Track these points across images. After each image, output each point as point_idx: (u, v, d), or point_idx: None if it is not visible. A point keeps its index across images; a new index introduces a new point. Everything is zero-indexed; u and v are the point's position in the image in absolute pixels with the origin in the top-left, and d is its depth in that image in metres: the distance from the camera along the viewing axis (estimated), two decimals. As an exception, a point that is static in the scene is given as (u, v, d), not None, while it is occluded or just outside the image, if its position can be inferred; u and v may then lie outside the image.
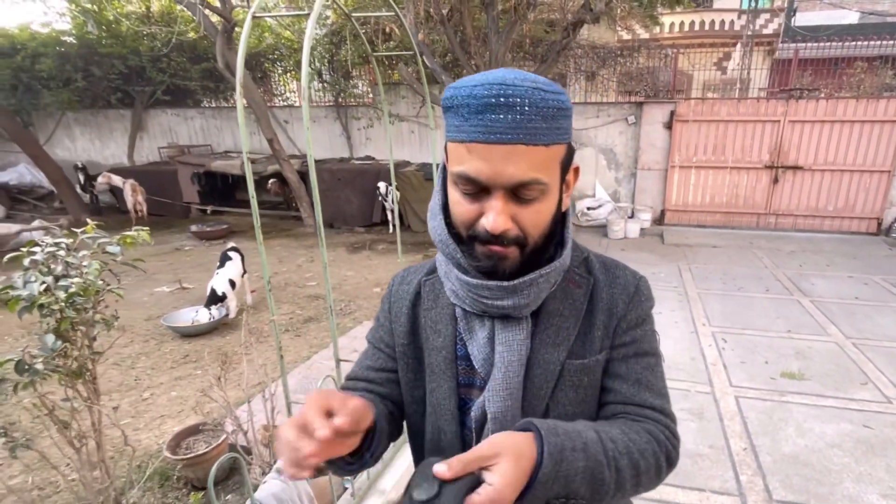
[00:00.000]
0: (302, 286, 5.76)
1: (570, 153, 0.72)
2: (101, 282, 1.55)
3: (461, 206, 0.68)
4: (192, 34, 9.65)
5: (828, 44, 9.48)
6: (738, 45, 12.98)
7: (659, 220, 8.42)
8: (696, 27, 14.03)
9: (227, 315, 4.65)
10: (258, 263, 6.18)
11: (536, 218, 0.68)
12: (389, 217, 8.10)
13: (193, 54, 10.00)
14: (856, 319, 4.47)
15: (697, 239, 7.51)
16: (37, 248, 1.62)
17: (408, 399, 0.86)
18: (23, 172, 10.94)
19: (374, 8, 6.13)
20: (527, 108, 0.62)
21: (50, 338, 1.44)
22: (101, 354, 1.60)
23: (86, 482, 1.60)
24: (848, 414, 3.03)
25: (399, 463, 2.65)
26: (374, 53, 3.59)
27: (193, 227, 8.13)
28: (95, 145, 11.43)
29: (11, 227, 6.91)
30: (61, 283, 1.45)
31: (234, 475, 2.65)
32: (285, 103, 10.62)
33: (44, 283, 1.42)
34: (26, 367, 1.39)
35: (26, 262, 1.56)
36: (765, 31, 13.54)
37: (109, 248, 1.68)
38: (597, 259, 0.82)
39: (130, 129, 10.90)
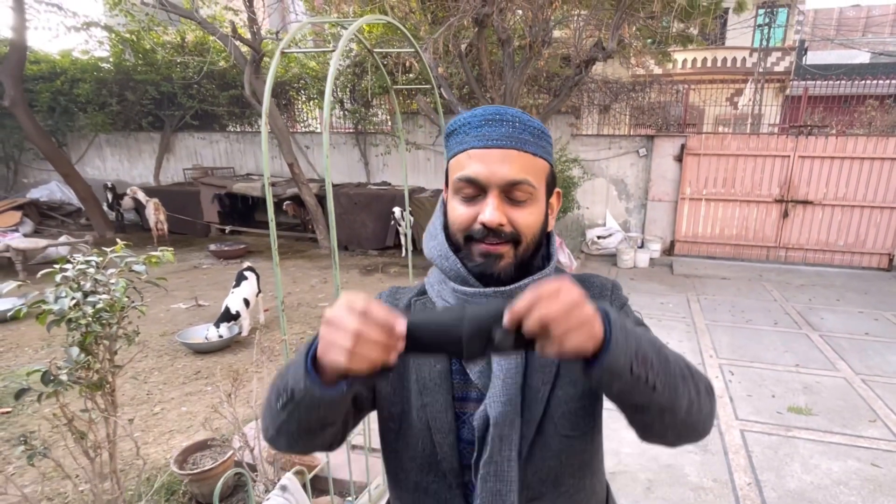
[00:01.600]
0: (314, 306, 5.82)
1: (553, 176, 0.81)
2: (126, 298, 1.62)
3: (460, 211, 0.77)
4: (222, 63, 10.04)
5: (838, 82, 9.53)
6: (750, 82, 13.08)
7: (668, 250, 8.39)
8: (709, 64, 14.20)
9: (239, 333, 4.71)
10: (273, 283, 6.28)
11: (528, 218, 0.76)
12: (403, 241, 8.19)
13: (222, 82, 10.36)
14: (866, 355, 4.39)
15: (706, 270, 7.46)
16: (68, 266, 1.70)
17: (383, 415, 0.85)
18: (53, 189, 11.30)
19: (396, 42, 6.34)
20: (517, 124, 0.75)
21: (75, 350, 1.50)
22: (121, 368, 1.67)
23: (97, 493, 1.65)
24: (856, 451, 2.97)
25: None
26: (395, 86, 3.73)
27: (212, 246, 8.28)
28: (124, 165, 11.78)
29: (39, 242, 7.11)
30: (90, 299, 1.52)
31: (237, 492, 2.67)
32: (307, 129, 10.89)
33: (73, 298, 1.50)
34: (52, 378, 1.46)
35: (58, 278, 1.64)
36: (776, 69, 13.66)
37: (135, 267, 1.75)
38: (574, 276, 0.88)
39: (158, 150, 11.24)
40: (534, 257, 0.80)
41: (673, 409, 0.68)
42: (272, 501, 1.89)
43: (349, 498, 2.36)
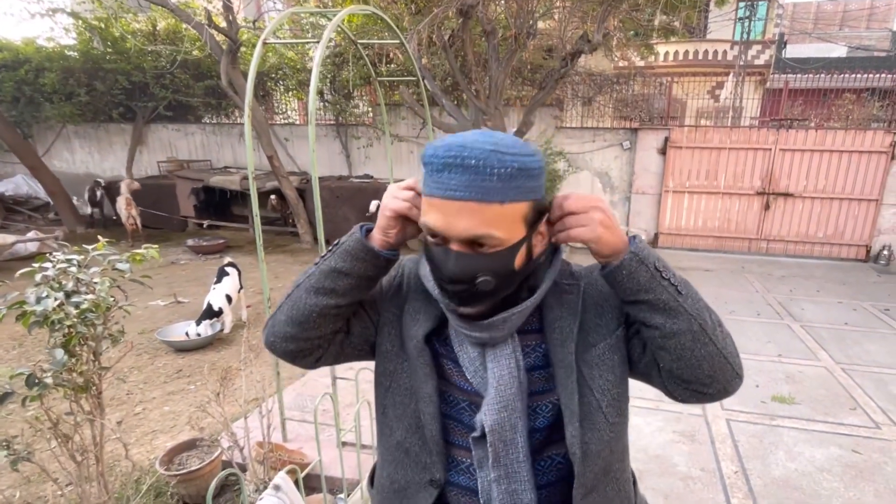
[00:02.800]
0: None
1: (539, 210, 0.75)
2: (111, 298, 1.59)
3: (431, 253, 0.77)
4: (196, 53, 9.82)
5: (817, 76, 9.76)
6: (731, 75, 13.32)
7: (652, 242, 8.53)
8: (690, 56, 14.40)
9: (221, 330, 4.65)
10: (254, 279, 6.21)
11: (499, 265, 0.72)
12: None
13: (197, 72, 10.14)
14: (845, 345, 4.54)
15: (690, 262, 7.62)
16: (48, 264, 1.66)
17: (379, 369, 0.91)
18: (19, 183, 10.96)
19: (378, 32, 6.28)
20: (481, 168, 0.66)
21: (59, 352, 1.47)
22: (108, 369, 1.64)
23: (84, 496, 1.62)
24: (837, 438, 3.08)
25: None
26: (378, 78, 3.70)
27: (190, 241, 8.15)
28: (94, 158, 11.48)
29: (7, 238, 6.91)
30: (73, 299, 1.49)
31: (225, 492, 2.65)
32: (286, 121, 10.74)
33: (56, 299, 1.46)
34: (36, 380, 1.42)
35: (38, 277, 1.60)
36: (756, 62, 13.92)
37: (119, 265, 1.72)
38: (577, 266, 0.91)
39: (130, 142, 10.96)
40: (519, 290, 0.80)
41: (703, 326, 0.75)
42: (266, 501, 1.89)
43: (341, 495, 2.37)
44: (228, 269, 4.95)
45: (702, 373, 0.76)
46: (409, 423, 0.87)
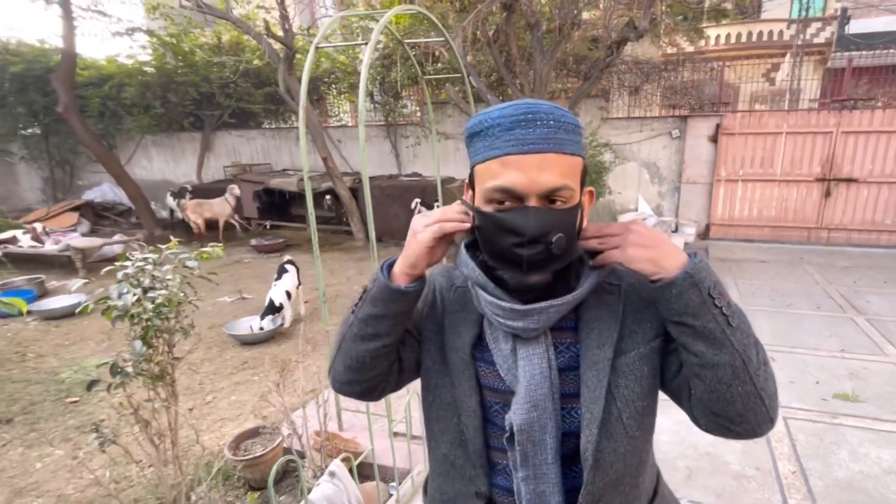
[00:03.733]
0: (352, 297, 5.91)
1: (585, 171, 0.76)
2: (182, 294, 1.69)
3: (498, 219, 0.71)
4: (257, 62, 10.21)
5: (885, 51, 8.96)
6: (788, 56, 12.45)
7: (704, 234, 8.14)
8: (744, 39, 13.55)
9: (282, 325, 4.83)
10: (312, 276, 6.41)
11: (570, 222, 0.72)
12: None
13: (257, 80, 10.54)
14: (917, 339, 4.18)
15: (744, 254, 7.22)
16: (128, 263, 1.78)
17: (423, 385, 0.91)
18: (106, 191, 11.81)
19: (425, 32, 6.30)
20: (552, 122, 0.69)
21: (138, 344, 1.58)
22: (180, 360, 1.74)
23: (161, 477, 1.73)
24: (907, 439, 2.85)
25: None
26: (424, 76, 3.72)
27: (253, 241, 8.51)
28: (169, 165, 12.18)
29: (95, 241, 7.45)
30: (149, 294, 1.59)
31: (286, 477, 2.75)
32: (339, 124, 11.00)
33: (135, 294, 1.57)
34: (119, 370, 1.54)
35: (119, 275, 1.72)
36: (816, 41, 12.92)
37: (188, 263, 1.82)
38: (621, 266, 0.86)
39: (200, 149, 11.57)
40: (568, 267, 0.78)
41: (746, 363, 0.69)
42: (322, 487, 1.96)
43: (392, 483, 2.42)
44: (288, 266, 5.13)
45: (733, 410, 0.71)
46: (453, 437, 0.86)
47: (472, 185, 0.77)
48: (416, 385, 0.95)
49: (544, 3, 5.58)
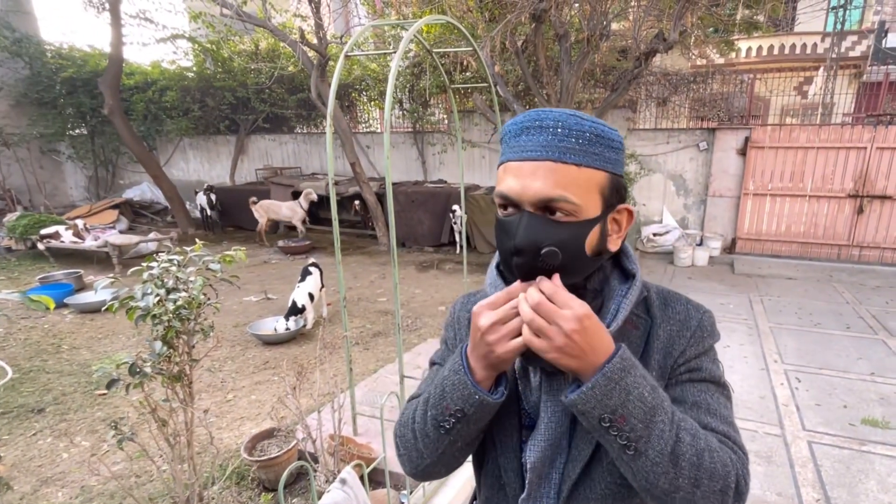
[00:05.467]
0: (373, 301, 5.92)
1: (616, 187, 0.68)
2: (203, 296, 1.69)
3: (503, 225, 0.68)
4: (291, 68, 10.40)
5: (925, 67, 8.57)
6: (822, 69, 12.04)
7: (729, 248, 7.89)
8: (776, 51, 13.18)
9: (304, 326, 4.85)
10: (335, 279, 6.43)
11: (569, 238, 0.65)
12: (458, 238, 8.19)
13: (291, 86, 10.74)
14: (954, 365, 3.94)
15: (771, 269, 6.96)
16: (154, 264, 1.80)
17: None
18: (145, 190, 12.18)
19: (454, 42, 6.30)
20: (559, 130, 0.64)
21: (158, 344, 1.59)
22: (198, 361, 1.75)
23: (176, 475, 1.74)
24: (941, 471, 2.67)
25: (453, 481, 2.64)
26: (452, 85, 3.70)
27: (280, 242, 8.62)
28: (204, 167, 12.49)
29: (132, 238, 7.66)
30: (171, 296, 1.60)
31: (300, 480, 2.74)
32: (368, 130, 11.10)
33: (157, 295, 1.58)
34: (138, 369, 1.55)
35: (145, 275, 1.74)
36: (851, 54, 12.47)
37: (211, 266, 1.83)
38: (658, 295, 0.78)
39: (234, 152, 11.82)
40: (588, 282, 0.72)
41: (649, 486, 0.63)
42: (332, 494, 1.93)
43: (404, 491, 2.38)
44: (311, 268, 5.17)
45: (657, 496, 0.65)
46: (493, 480, 0.80)
47: None
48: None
49: (573, 14, 5.51)
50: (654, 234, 8.05)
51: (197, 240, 2.07)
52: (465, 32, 3.35)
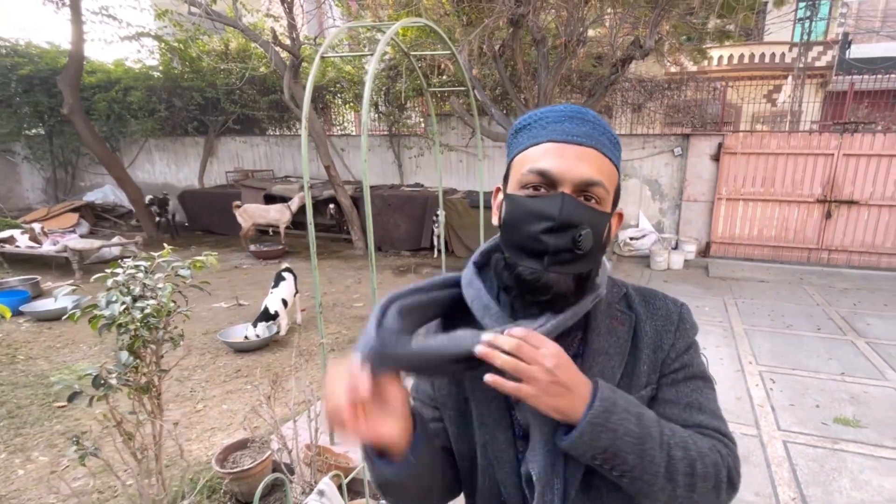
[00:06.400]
0: (349, 307, 5.86)
1: (619, 190, 0.74)
2: (172, 303, 1.64)
3: (528, 204, 0.67)
4: (263, 69, 10.25)
5: (886, 76, 9.00)
6: (790, 78, 12.51)
7: (704, 251, 8.10)
8: (746, 60, 13.64)
9: (278, 332, 4.76)
10: (309, 284, 6.34)
11: (598, 224, 0.67)
12: (436, 242, 8.18)
13: (263, 87, 10.58)
14: (918, 365, 4.12)
15: (744, 272, 7.17)
16: (119, 270, 1.74)
17: (456, 454, 0.83)
18: (107, 193, 11.79)
19: (430, 45, 6.31)
20: (598, 125, 0.70)
21: (124, 354, 1.53)
22: (167, 372, 1.69)
23: (142, 490, 1.67)
24: (910, 468, 2.78)
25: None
26: (430, 88, 3.71)
27: (252, 247, 8.46)
28: (171, 169, 12.18)
29: (94, 243, 7.40)
30: (138, 304, 1.54)
31: (275, 491, 2.68)
32: (343, 132, 11.01)
33: (123, 303, 1.52)
34: (102, 381, 1.48)
35: (109, 282, 1.68)
36: (817, 64, 13.00)
37: (181, 272, 1.78)
38: (635, 292, 0.80)
39: (203, 154, 11.57)
40: (592, 273, 0.71)
41: (648, 499, 0.68)
42: (310, 504, 1.89)
43: (383, 502, 2.35)
44: (285, 274, 5.08)
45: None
46: (490, 499, 0.79)
47: (505, 182, 0.74)
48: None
49: (550, 20, 5.59)
50: (631, 238, 8.20)
51: (165, 245, 2.01)
52: (444, 36, 3.36)
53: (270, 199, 9.81)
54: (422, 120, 10.08)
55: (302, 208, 9.39)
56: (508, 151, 0.74)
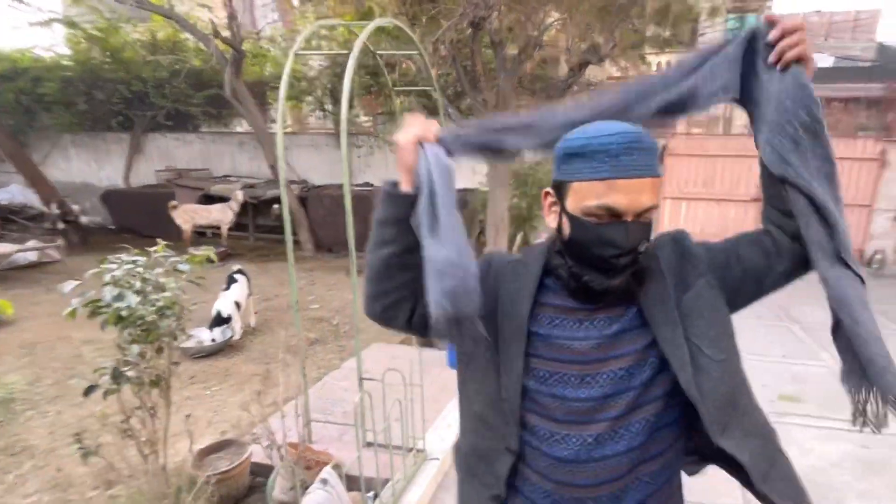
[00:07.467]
0: (304, 308, 5.84)
1: None
2: (185, 296, 1.69)
3: (597, 231, 0.85)
4: (196, 62, 9.90)
5: (807, 85, 10.03)
6: (722, 84, 13.61)
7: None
8: (682, 66, 14.71)
9: (232, 336, 4.70)
10: (260, 286, 6.24)
11: (650, 233, 0.87)
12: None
13: (197, 81, 10.21)
14: (845, 347, 4.70)
15: (689, 269, 7.79)
16: (113, 265, 1.75)
17: (464, 348, 1.02)
18: (14, 192, 10.87)
19: (388, 43, 6.41)
20: (650, 150, 0.84)
21: (136, 348, 1.56)
22: (179, 364, 1.73)
23: (150, 489, 1.70)
24: (846, 435, 3.22)
25: (421, 479, 2.76)
26: (395, 87, 3.83)
27: (191, 249, 8.15)
28: (91, 167, 11.47)
29: (7, 247, 6.90)
30: (151, 297, 1.58)
31: (254, 492, 2.72)
32: (287, 130, 10.84)
33: (138, 293, 1.56)
34: (119, 374, 1.51)
35: (107, 277, 1.69)
36: (746, 72, 14.26)
37: (180, 266, 1.82)
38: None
39: (128, 151, 10.99)
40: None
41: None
42: (314, 495, 1.97)
43: (369, 494, 2.44)
44: (237, 275, 5.02)
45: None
46: (488, 396, 0.96)
47: (559, 195, 0.90)
48: (397, 393, 1.05)
49: (507, 23, 5.87)
50: (583, 238, 8.68)
51: (128, 246, 1.98)
52: (413, 36, 3.51)
53: (209, 199, 9.50)
54: (370, 119, 10.14)
55: (243, 207, 9.17)
56: (561, 170, 0.88)
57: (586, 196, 0.84)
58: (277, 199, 8.91)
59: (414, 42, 3.37)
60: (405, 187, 0.94)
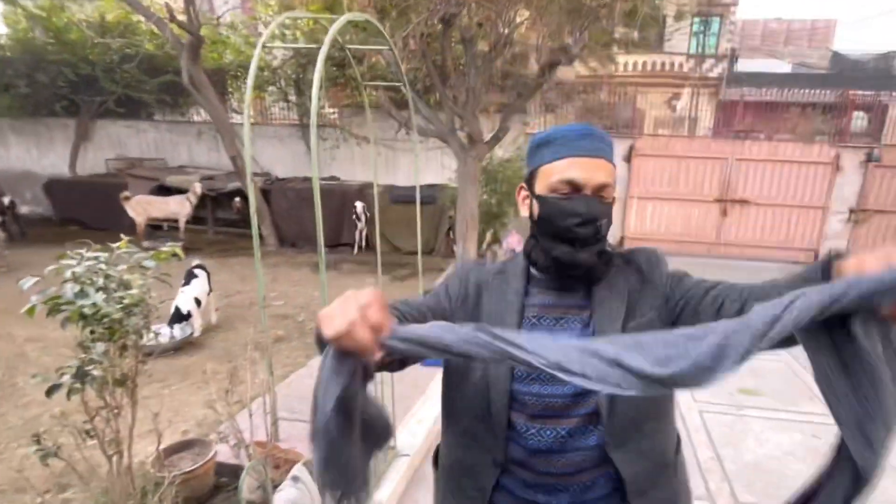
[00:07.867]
0: (268, 305, 5.74)
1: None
2: (152, 293, 1.67)
3: (561, 205, 0.96)
4: (149, 47, 9.56)
5: (766, 90, 10.53)
6: (687, 87, 14.13)
7: (619, 245, 8.98)
8: (649, 67, 15.16)
9: (192, 334, 4.61)
10: (220, 282, 6.13)
11: (608, 215, 0.97)
12: (357, 237, 8.23)
13: (150, 66, 9.86)
14: (799, 343, 5.00)
15: (654, 267, 8.06)
16: (73, 261, 1.71)
17: (446, 367, 1.06)
18: (-55, 182, 10.32)
19: (352, 36, 6.38)
20: (604, 139, 0.99)
21: (101, 346, 1.54)
22: (146, 362, 1.71)
23: (115, 489, 1.68)
24: (799, 426, 3.45)
25: (392, 475, 2.80)
26: (366, 83, 3.83)
27: (146, 243, 7.92)
28: (32, 154, 10.94)
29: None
30: (117, 294, 1.56)
31: (220, 492, 2.70)
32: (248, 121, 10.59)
33: (100, 291, 1.53)
34: (84, 373, 1.49)
35: (68, 273, 1.66)
36: (710, 75, 14.83)
37: (145, 263, 1.80)
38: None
39: (74, 138, 10.54)
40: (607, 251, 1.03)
41: None
42: (286, 492, 1.99)
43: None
44: (197, 271, 4.92)
45: None
46: (476, 412, 1.01)
47: (530, 186, 1.01)
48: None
49: (476, 20, 5.94)
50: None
51: (89, 241, 1.93)
52: (383, 31, 3.52)
53: (164, 191, 9.22)
54: (335, 111, 10.05)
55: (202, 200, 8.93)
56: (530, 160, 1.01)
57: (551, 174, 0.96)
58: (238, 192, 8.74)
59: (383, 35, 3.38)
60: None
